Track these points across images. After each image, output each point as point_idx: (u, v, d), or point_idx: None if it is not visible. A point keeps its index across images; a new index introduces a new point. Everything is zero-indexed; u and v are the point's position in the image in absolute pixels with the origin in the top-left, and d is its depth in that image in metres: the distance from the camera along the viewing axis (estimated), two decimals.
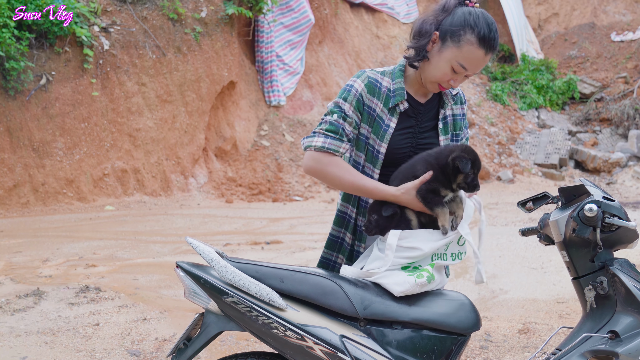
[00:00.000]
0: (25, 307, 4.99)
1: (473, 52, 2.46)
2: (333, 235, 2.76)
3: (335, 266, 2.75)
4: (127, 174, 11.73)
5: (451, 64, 2.48)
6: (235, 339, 4.45)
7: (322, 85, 16.48)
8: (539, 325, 4.87)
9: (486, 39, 2.45)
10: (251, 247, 7.81)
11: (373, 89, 2.58)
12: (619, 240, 2.43)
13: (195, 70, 12.99)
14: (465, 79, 2.55)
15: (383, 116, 2.59)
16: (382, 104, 2.59)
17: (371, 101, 2.58)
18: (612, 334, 2.33)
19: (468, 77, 2.54)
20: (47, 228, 8.98)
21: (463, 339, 2.37)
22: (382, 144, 2.58)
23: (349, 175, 2.52)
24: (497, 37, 2.48)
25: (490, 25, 2.46)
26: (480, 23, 2.45)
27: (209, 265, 2.35)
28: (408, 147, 2.62)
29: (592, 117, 19.45)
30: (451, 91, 2.69)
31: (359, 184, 2.52)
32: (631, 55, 20.98)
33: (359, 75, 2.61)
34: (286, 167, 13.73)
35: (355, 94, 2.57)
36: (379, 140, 2.58)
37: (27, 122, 10.64)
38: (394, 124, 2.59)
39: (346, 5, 18.67)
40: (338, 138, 2.54)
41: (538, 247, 7.47)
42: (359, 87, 2.57)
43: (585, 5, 23.32)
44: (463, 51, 2.46)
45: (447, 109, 2.70)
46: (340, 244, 2.74)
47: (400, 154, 2.61)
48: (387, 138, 2.58)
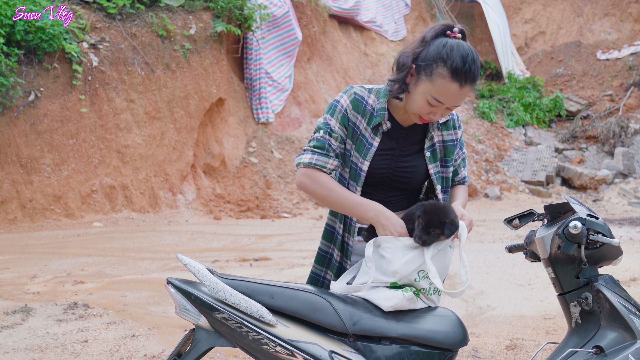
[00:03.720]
0: (12, 324, 4.97)
1: (446, 85, 2.41)
2: (322, 250, 2.79)
3: (324, 282, 2.78)
4: (115, 190, 11.71)
5: (426, 98, 2.45)
6: (225, 355, 4.45)
7: (311, 102, 16.54)
8: (526, 341, 4.90)
9: (459, 72, 2.39)
10: (239, 263, 7.81)
11: (358, 105, 2.59)
12: (603, 256, 2.47)
13: (184, 87, 13.01)
14: (448, 111, 2.51)
15: (366, 134, 2.60)
16: (366, 122, 2.60)
17: (355, 117, 2.59)
18: (597, 349, 2.36)
19: (450, 109, 2.51)
20: (35, 244, 8.94)
21: (450, 354, 2.40)
22: (364, 161, 2.59)
23: (335, 190, 2.55)
24: (473, 69, 2.40)
25: (465, 57, 2.39)
26: (453, 55, 2.39)
27: (199, 282, 2.37)
28: (386, 169, 2.63)
29: (579, 134, 19.62)
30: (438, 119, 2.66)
31: (346, 199, 2.54)
32: (617, 74, 21.21)
33: (346, 90, 2.63)
34: (274, 183, 13.75)
35: (340, 110, 2.59)
36: (361, 158, 2.59)
37: (15, 138, 10.62)
38: (377, 143, 2.60)
39: (334, 23, 18.78)
40: (324, 154, 2.57)
41: (525, 264, 7.51)
42: (345, 102, 2.59)
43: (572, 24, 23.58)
44: (436, 85, 2.42)
45: (435, 136, 2.68)
46: (329, 260, 2.76)
47: (378, 174, 2.62)
48: (369, 156, 2.59)
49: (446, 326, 2.40)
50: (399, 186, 2.68)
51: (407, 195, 2.73)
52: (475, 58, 2.42)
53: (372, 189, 2.66)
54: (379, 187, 2.67)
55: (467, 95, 2.50)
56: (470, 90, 2.46)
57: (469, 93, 2.49)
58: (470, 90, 2.48)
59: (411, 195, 2.74)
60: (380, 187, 2.67)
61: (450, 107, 2.48)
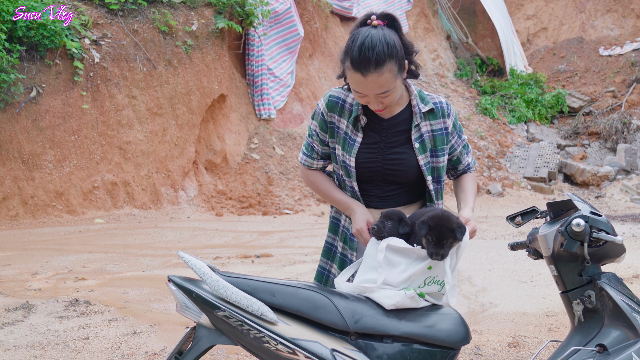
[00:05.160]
0: (14, 321, 4.97)
1: (353, 77, 2.45)
2: (327, 242, 2.86)
3: (330, 276, 2.79)
4: (117, 186, 11.71)
5: (353, 90, 2.52)
6: (226, 353, 4.45)
7: (313, 98, 16.52)
8: (528, 338, 4.89)
9: (356, 63, 2.39)
10: (241, 260, 7.81)
11: (333, 106, 2.67)
12: (606, 254, 2.46)
13: (185, 83, 13.00)
14: (383, 98, 2.49)
15: (349, 132, 2.65)
16: (347, 119, 2.65)
17: (332, 117, 2.67)
18: (600, 347, 2.35)
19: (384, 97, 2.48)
20: (37, 241, 8.94)
21: (453, 352, 2.39)
22: (350, 158, 2.64)
23: (323, 187, 2.79)
24: (370, 55, 2.37)
25: (361, 46, 2.38)
26: (353, 47, 2.41)
27: (200, 279, 2.36)
28: (374, 162, 2.65)
29: (581, 130, 19.58)
30: (420, 108, 2.66)
31: (330, 196, 2.77)
32: (619, 70, 21.16)
33: (325, 94, 2.72)
34: (276, 180, 13.74)
35: (318, 113, 2.73)
36: (347, 154, 2.65)
37: (16, 135, 10.62)
38: (359, 138, 2.64)
39: (336, 19, 18.75)
40: (309, 155, 2.81)
41: (528, 261, 7.49)
42: (321, 106, 2.71)
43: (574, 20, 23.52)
44: (349, 77, 2.48)
45: (423, 126, 2.66)
46: (334, 253, 2.78)
47: (368, 168, 2.65)
48: (354, 152, 2.64)
49: (448, 324, 2.39)
50: (393, 179, 2.68)
51: (407, 190, 2.72)
52: (374, 44, 2.38)
53: (369, 185, 2.69)
54: (374, 183, 2.69)
55: (384, 81, 2.43)
56: (380, 76, 2.41)
57: (383, 79, 2.42)
58: (383, 76, 2.41)
59: (411, 189, 2.73)
60: (376, 183, 2.69)
61: (379, 95, 2.47)
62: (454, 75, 21.73)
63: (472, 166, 2.92)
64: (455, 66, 22.33)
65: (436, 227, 2.37)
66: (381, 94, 2.46)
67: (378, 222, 2.51)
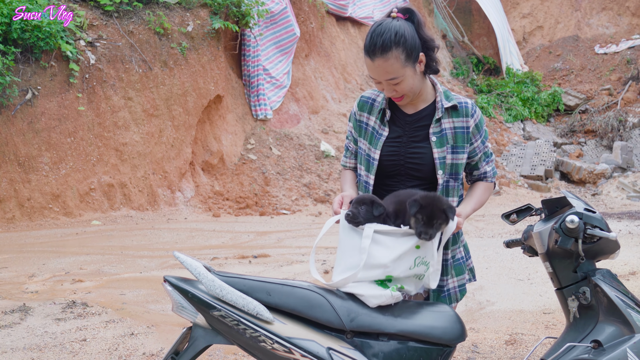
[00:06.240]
0: (11, 323, 4.97)
1: (366, 61, 2.62)
2: None
3: None
4: (113, 188, 11.70)
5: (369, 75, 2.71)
6: (223, 353, 4.45)
7: (309, 98, 16.52)
8: (525, 336, 4.90)
9: (366, 47, 2.58)
10: (239, 260, 7.81)
11: (364, 105, 2.84)
12: (600, 251, 2.46)
13: (181, 85, 12.99)
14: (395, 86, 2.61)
15: (376, 126, 2.78)
16: (375, 116, 2.80)
17: (362, 116, 2.84)
18: (595, 343, 2.36)
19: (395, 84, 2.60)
20: (33, 243, 8.94)
21: (449, 350, 2.40)
22: (376, 150, 2.75)
23: (342, 181, 2.98)
24: (377, 40, 2.53)
25: (372, 33, 2.56)
26: (368, 34, 2.59)
27: (196, 280, 2.36)
28: (397, 156, 2.73)
29: (577, 128, 19.61)
30: (443, 104, 2.74)
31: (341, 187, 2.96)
32: (614, 68, 21.21)
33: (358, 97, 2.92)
34: (273, 180, 13.73)
35: (352, 114, 2.92)
36: (373, 147, 2.76)
37: (12, 137, 10.61)
38: (386, 133, 2.75)
39: (332, 19, 18.75)
40: (345, 155, 3.03)
41: (524, 259, 7.51)
42: (354, 107, 2.90)
43: (569, 18, 23.56)
44: (365, 62, 2.63)
45: (446, 122, 2.73)
46: None
47: (391, 162, 2.74)
48: (379, 145, 2.74)
49: (444, 322, 2.40)
50: (414, 173, 2.73)
51: (429, 186, 2.76)
52: (382, 31, 2.54)
53: (392, 180, 2.77)
54: (398, 178, 2.76)
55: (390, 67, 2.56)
56: (386, 61, 2.55)
57: (389, 65, 2.56)
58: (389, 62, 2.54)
59: (434, 186, 2.76)
60: (399, 178, 2.76)
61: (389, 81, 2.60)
62: (450, 74, 21.76)
63: (490, 175, 2.94)
64: (452, 65, 22.36)
65: (427, 207, 2.39)
66: (390, 80, 2.59)
67: (352, 208, 2.51)
